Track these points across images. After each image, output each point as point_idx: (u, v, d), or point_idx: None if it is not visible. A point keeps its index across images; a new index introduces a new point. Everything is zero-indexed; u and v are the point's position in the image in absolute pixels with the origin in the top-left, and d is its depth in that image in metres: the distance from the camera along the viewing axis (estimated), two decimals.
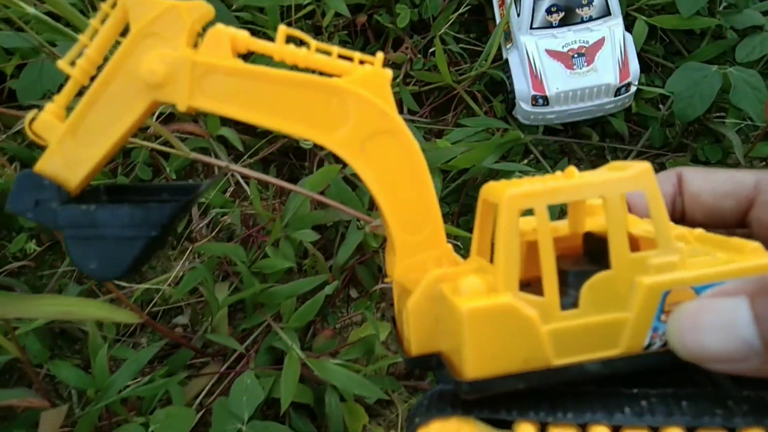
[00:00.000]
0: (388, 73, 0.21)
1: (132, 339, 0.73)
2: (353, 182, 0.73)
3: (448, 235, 0.83)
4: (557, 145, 0.87)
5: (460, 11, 0.91)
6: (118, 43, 0.21)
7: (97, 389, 0.62)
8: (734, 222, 0.26)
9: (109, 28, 0.20)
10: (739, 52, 0.84)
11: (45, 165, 0.21)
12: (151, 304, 0.72)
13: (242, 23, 0.86)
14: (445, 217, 0.80)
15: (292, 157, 0.85)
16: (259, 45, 0.21)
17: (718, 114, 0.83)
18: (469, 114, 0.90)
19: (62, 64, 0.21)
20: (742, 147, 0.78)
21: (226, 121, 0.79)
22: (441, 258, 0.22)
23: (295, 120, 0.20)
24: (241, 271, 0.68)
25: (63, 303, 0.51)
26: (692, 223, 0.24)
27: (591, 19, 0.81)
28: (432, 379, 0.70)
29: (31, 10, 0.64)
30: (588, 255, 0.23)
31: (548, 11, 0.81)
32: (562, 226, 0.24)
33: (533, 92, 0.80)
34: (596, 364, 0.19)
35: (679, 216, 0.26)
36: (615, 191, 0.19)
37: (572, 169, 0.20)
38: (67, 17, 0.65)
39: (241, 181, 0.77)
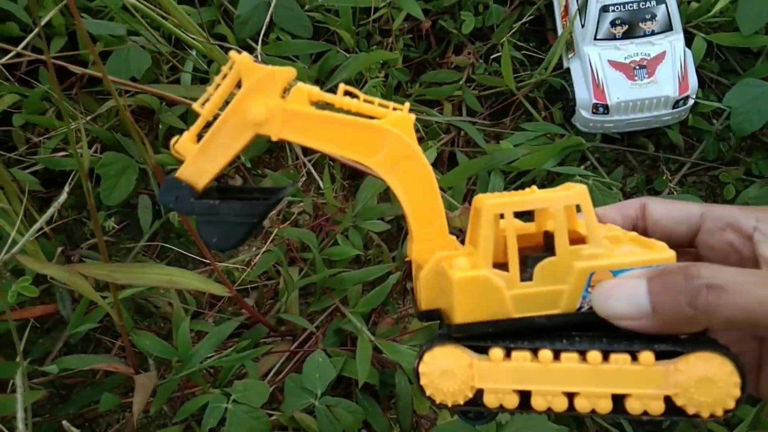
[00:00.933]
0: (412, 117, 0.30)
1: (200, 317, 0.77)
2: None
3: None
4: (613, 154, 0.90)
5: (523, 21, 0.94)
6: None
7: (179, 359, 0.65)
8: (685, 243, 0.32)
9: (227, 83, 0.29)
10: None
11: (183, 172, 0.30)
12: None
13: (313, 23, 0.90)
14: None
15: None
16: (326, 96, 0.30)
17: None
18: (526, 119, 0.93)
19: (196, 106, 0.30)
20: None
21: None
22: (445, 244, 0.30)
23: (349, 148, 0.29)
24: (314, 256, 0.72)
25: (167, 273, 0.54)
26: None
27: (653, 33, 0.84)
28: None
29: None
30: (545, 247, 0.31)
31: (612, 24, 0.84)
32: (531, 225, 0.33)
33: (594, 100, 0.83)
34: (542, 318, 0.28)
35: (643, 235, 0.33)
36: (559, 204, 0.28)
37: (534, 188, 0.29)
38: (166, 6, 0.70)
39: (314, 172, 0.81)
